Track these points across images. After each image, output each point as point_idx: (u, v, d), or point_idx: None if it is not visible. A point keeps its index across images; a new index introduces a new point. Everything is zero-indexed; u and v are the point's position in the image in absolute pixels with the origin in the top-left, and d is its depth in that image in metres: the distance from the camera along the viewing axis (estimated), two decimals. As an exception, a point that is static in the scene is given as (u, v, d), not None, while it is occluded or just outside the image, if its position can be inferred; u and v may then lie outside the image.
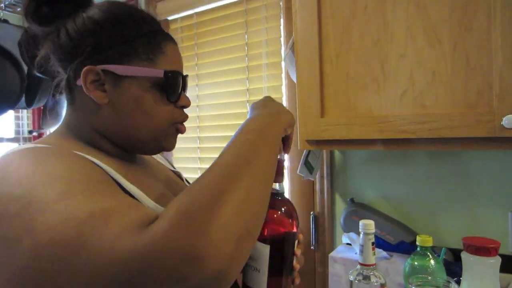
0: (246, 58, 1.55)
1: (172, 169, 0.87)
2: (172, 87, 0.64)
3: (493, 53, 0.80)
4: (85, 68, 0.59)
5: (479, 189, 1.14)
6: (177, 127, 0.67)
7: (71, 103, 0.66)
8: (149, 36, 0.63)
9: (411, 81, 0.90)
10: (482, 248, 0.75)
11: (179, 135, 0.70)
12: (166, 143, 0.67)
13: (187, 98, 0.69)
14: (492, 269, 0.75)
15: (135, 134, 0.64)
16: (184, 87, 0.68)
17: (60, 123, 0.68)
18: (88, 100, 0.61)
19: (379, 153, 1.29)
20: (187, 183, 0.85)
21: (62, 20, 0.62)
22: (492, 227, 1.12)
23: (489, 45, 0.81)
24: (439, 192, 1.20)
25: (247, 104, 1.57)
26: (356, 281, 0.79)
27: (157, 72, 0.62)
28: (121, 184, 0.57)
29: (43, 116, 2.00)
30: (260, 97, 1.49)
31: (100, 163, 0.57)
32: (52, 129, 2.14)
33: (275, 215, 0.64)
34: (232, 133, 1.92)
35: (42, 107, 2.00)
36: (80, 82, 0.60)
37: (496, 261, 0.75)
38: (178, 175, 0.85)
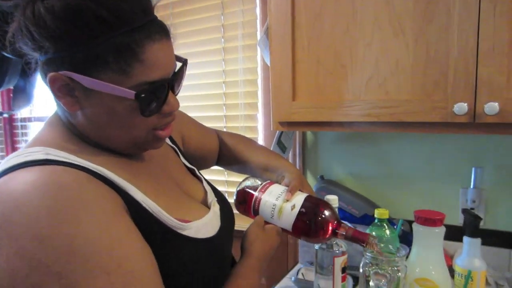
0: (222, 40, 1.58)
1: (186, 163, 0.81)
2: (148, 103, 0.55)
3: (449, 46, 0.88)
4: (49, 76, 0.51)
5: (435, 168, 1.25)
6: (157, 134, 0.61)
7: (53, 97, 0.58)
8: (124, 39, 0.51)
9: (376, 69, 0.97)
10: (429, 220, 0.85)
11: None
12: (149, 147, 0.63)
13: (175, 101, 0.60)
14: (438, 238, 0.86)
15: (112, 142, 0.60)
16: (173, 89, 0.59)
17: (29, 104, 0.61)
18: None
19: (347, 134, 1.38)
20: (206, 183, 0.80)
21: None
22: (445, 201, 1.24)
23: (447, 38, 0.88)
24: (400, 170, 1.30)
25: (223, 85, 1.60)
26: (320, 250, 0.88)
27: (127, 92, 0.52)
28: (134, 198, 0.56)
29: (13, 98, 1.95)
30: (236, 78, 1.55)
31: (112, 175, 0.55)
32: (23, 110, 2.11)
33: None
34: (208, 114, 1.89)
35: (12, 88, 1.96)
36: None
37: (441, 230, 0.85)
38: (192, 171, 0.81)
